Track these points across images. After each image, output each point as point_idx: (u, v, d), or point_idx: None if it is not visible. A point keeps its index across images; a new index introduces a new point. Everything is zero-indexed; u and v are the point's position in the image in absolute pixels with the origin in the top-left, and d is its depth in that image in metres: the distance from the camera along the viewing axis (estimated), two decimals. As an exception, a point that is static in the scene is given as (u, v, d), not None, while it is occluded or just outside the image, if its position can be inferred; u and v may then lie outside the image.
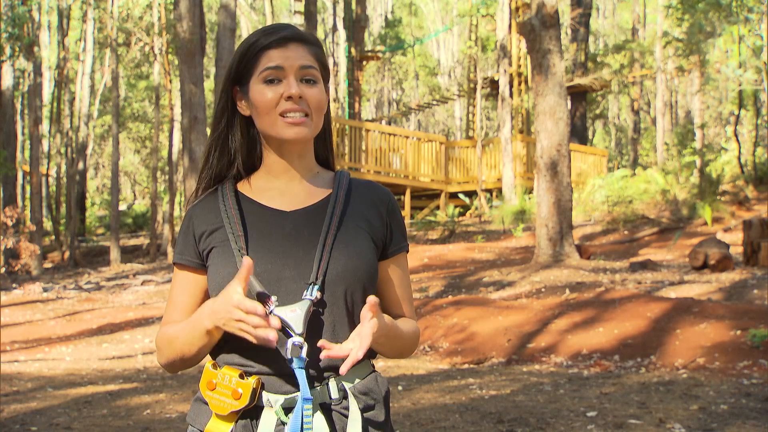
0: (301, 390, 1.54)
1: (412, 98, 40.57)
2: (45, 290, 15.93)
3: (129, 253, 23.11)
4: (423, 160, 21.69)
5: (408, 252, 1.78)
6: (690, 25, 17.37)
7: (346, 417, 1.60)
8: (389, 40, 35.56)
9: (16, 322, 12.03)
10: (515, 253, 14.87)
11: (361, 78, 27.58)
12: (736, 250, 12.27)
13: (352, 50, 26.18)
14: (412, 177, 21.46)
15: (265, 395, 1.59)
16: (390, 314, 1.73)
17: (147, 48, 23.05)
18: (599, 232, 16.88)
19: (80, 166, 26.01)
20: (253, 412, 1.59)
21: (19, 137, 26.61)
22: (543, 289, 10.72)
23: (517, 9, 22.54)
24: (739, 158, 19.20)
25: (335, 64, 31.03)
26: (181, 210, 23.88)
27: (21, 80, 25.79)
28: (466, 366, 7.71)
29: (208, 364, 1.62)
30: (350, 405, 1.60)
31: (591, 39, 35.78)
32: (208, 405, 1.60)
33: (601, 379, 6.36)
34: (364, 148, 20.77)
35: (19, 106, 27.18)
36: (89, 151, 28.63)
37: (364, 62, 27.94)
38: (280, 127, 1.64)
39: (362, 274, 1.64)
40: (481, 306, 9.41)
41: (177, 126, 22.78)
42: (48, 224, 27.45)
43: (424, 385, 6.40)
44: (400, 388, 6.21)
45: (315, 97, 1.65)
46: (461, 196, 21.35)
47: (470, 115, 26.76)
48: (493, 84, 25.39)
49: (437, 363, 7.97)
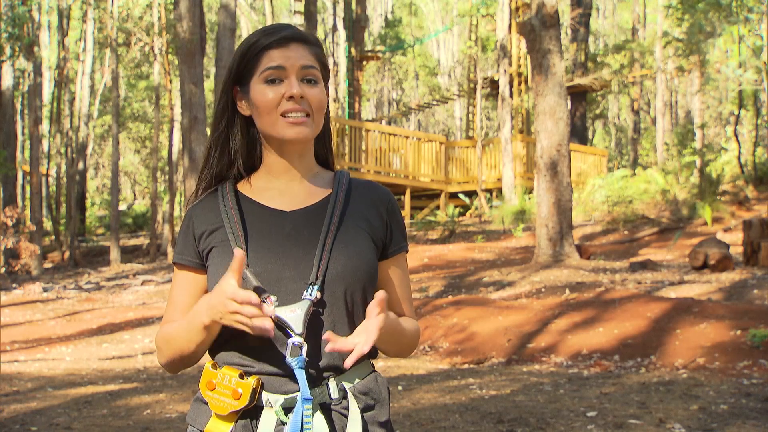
0: (301, 390, 1.54)
1: (412, 98, 40.57)
2: (45, 290, 15.93)
3: (129, 253, 23.11)
4: (423, 160, 21.69)
5: (407, 252, 1.78)
6: (690, 25, 17.37)
7: (346, 417, 1.60)
8: (389, 40, 35.55)
9: (16, 322, 12.03)
10: (515, 253, 14.87)
11: (361, 78, 27.58)
12: (736, 250, 12.27)
13: (352, 50, 26.18)
14: (412, 177, 21.46)
15: (265, 395, 1.59)
16: (390, 314, 1.73)
17: (147, 48, 23.05)
18: (599, 232, 16.88)
19: (80, 166, 26.01)
20: (253, 412, 1.59)
21: (19, 137, 26.61)
22: (543, 289, 10.72)
23: (517, 9, 22.54)
24: (739, 158, 19.20)
25: (335, 64, 31.02)
26: (181, 210, 23.88)
27: (21, 80, 25.79)
28: (466, 366, 7.71)
29: (208, 364, 1.61)
30: (350, 405, 1.60)
31: (591, 39, 35.78)
32: (208, 405, 1.60)
33: (601, 379, 6.36)
34: (364, 148, 20.77)
35: (19, 106, 27.18)
36: (89, 151, 28.63)
37: (364, 62, 27.94)
38: (281, 127, 1.64)
39: (362, 274, 1.64)
40: (481, 306, 9.41)
41: (177, 126, 22.78)
42: (48, 224, 27.45)
43: (424, 385, 6.40)
44: (400, 388, 6.21)
45: (316, 97, 1.65)
46: (461, 196, 21.34)
47: (470, 115, 26.76)
48: (493, 84, 25.39)
49: (437, 363, 7.97)
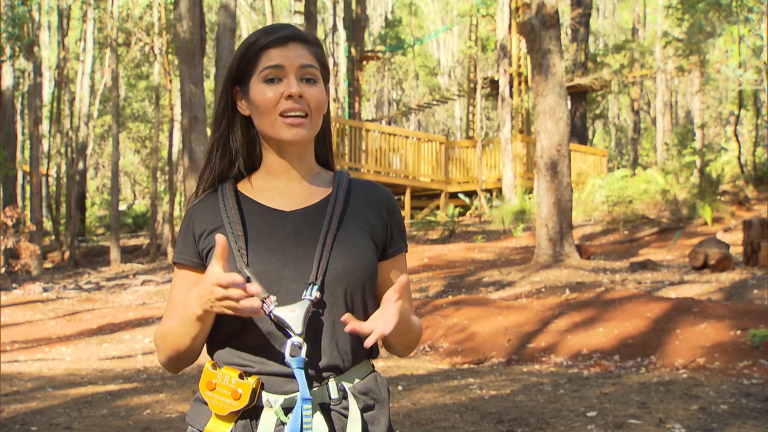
0: (301, 390, 1.54)
1: (412, 98, 40.56)
2: (45, 290, 15.92)
3: (129, 253, 23.11)
4: (423, 160, 21.69)
5: (407, 252, 1.78)
6: (690, 25, 17.37)
7: (345, 417, 1.60)
8: (389, 40, 35.54)
9: (16, 322, 12.03)
10: (515, 253, 14.87)
11: (361, 78, 27.57)
12: (736, 250, 12.27)
13: (352, 50, 26.17)
14: (412, 177, 21.46)
15: (265, 395, 1.58)
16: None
17: (147, 48, 23.06)
18: (599, 232, 16.88)
19: (80, 166, 26.01)
20: (252, 412, 1.59)
21: (19, 137, 26.61)
22: (543, 289, 10.72)
23: (517, 9, 22.53)
24: (739, 158, 19.19)
25: (335, 64, 31.02)
26: (181, 210, 23.88)
27: (21, 80, 25.79)
28: (466, 366, 7.71)
29: (208, 365, 1.61)
30: (350, 405, 1.60)
31: (591, 39, 35.77)
32: (208, 405, 1.60)
33: (601, 379, 6.36)
34: (364, 148, 20.76)
35: (19, 106, 27.17)
36: (89, 151, 28.63)
37: (364, 62, 27.93)
38: (279, 127, 1.64)
39: (362, 274, 1.64)
40: (481, 306, 9.41)
41: (177, 126, 22.78)
42: (48, 224, 27.45)
43: (424, 385, 6.40)
44: (400, 388, 6.21)
45: (315, 97, 1.65)
46: (461, 196, 21.34)
47: (470, 115, 26.76)
48: (493, 84, 25.38)
49: (437, 363, 7.97)
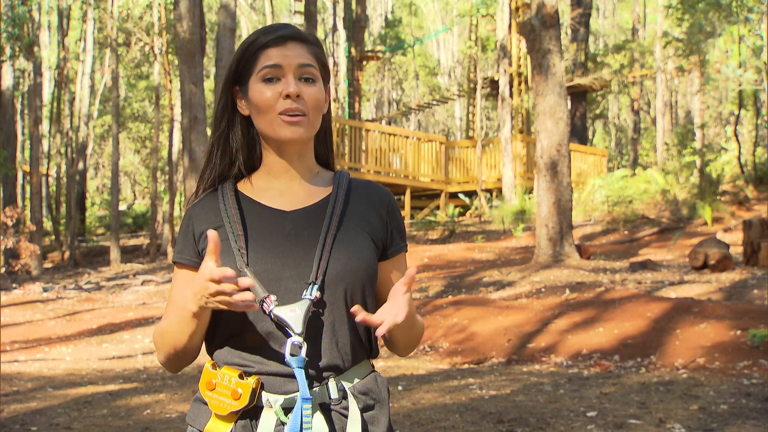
0: (300, 390, 1.54)
1: (412, 98, 40.56)
2: (45, 290, 15.92)
3: (129, 253, 23.11)
4: (423, 160, 21.69)
5: (407, 252, 1.78)
6: (690, 25, 17.36)
7: (345, 417, 1.60)
8: (389, 40, 35.53)
9: (16, 322, 12.03)
10: (515, 253, 14.87)
11: (361, 78, 27.57)
12: (736, 250, 12.27)
13: (352, 50, 26.17)
14: (412, 177, 21.46)
15: (265, 395, 1.58)
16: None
17: (147, 48, 23.06)
18: (599, 232, 16.88)
19: (80, 166, 26.01)
20: (252, 412, 1.59)
21: (19, 137, 26.60)
22: (543, 289, 10.72)
23: (517, 9, 22.53)
24: (739, 158, 19.19)
25: (335, 64, 31.02)
26: (181, 210, 23.87)
27: (21, 80, 25.78)
28: (466, 366, 7.71)
29: (208, 364, 1.61)
30: (350, 405, 1.60)
31: (591, 39, 35.76)
32: (208, 405, 1.60)
33: (601, 379, 6.36)
34: (364, 148, 20.76)
35: (19, 106, 27.17)
36: (89, 151, 28.63)
37: (364, 62, 27.93)
38: (277, 126, 1.64)
39: (362, 274, 1.63)
40: (481, 306, 9.41)
41: (177, 126, 22.78)
42: (48, 224, 27.44)
43: (424, 385, 6.40)
44: (400, 388, 6.21)
45: (313, 96, 1.65)
46: (461, 196, 21.34)
47: (470, 115, 26.75)
48: (493, 84, 25.38)
49: (437, 363, 7.96)
